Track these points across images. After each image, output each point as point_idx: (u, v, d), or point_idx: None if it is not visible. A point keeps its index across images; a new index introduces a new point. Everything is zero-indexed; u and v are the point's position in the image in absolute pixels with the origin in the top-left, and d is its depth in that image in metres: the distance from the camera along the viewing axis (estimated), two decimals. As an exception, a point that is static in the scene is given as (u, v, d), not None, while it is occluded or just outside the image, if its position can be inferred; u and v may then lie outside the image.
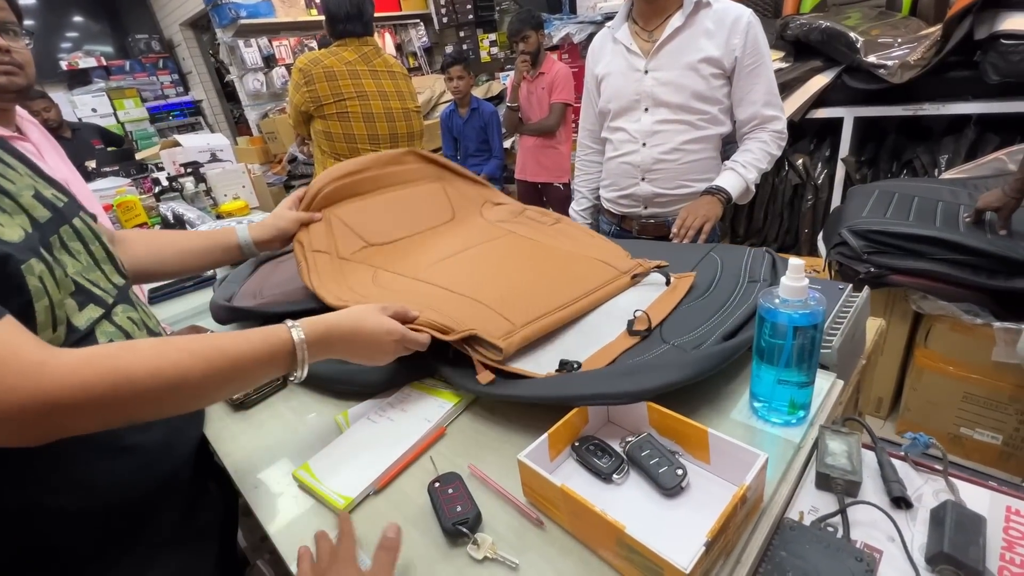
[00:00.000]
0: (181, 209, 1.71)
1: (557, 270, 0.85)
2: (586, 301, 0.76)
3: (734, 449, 0.49)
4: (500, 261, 0.89)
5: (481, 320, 0.70)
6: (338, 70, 1.68)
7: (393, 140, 1.81)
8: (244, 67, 3.90)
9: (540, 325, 0.70)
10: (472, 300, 0.76)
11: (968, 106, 2.07)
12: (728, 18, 1.11)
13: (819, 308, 0.53)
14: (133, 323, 0.61)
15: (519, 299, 0.75)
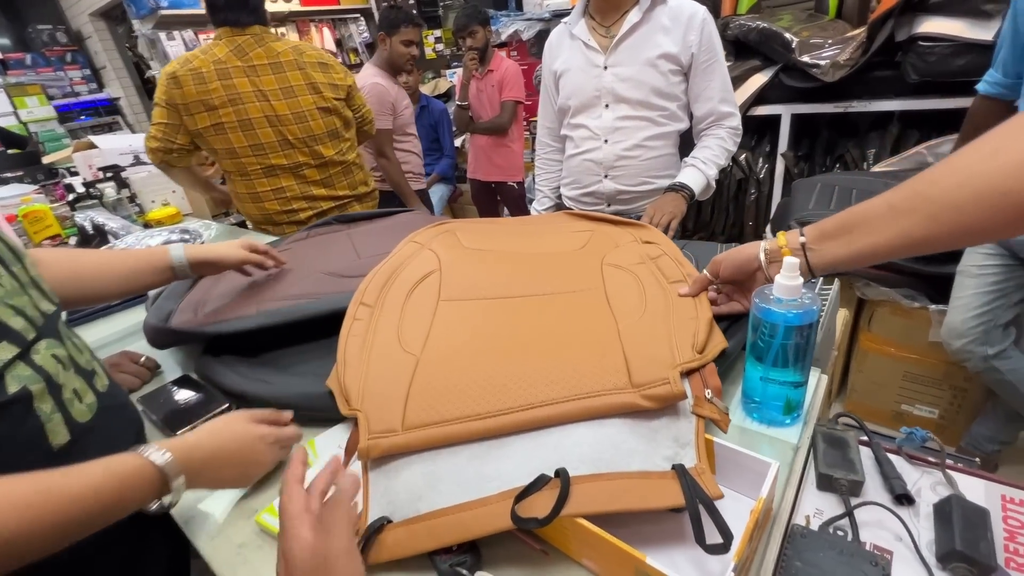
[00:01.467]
0: (101, 219, 1.54)
1: (559, 354, 0.59)
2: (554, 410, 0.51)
3: (741, 458, 0.47)
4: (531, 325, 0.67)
5: (390, 397, 0.56)
6: (207, 71, 1.35)
7: (287, 146, 1.46)
8: (166, 61, 3.60)
9: (448, 432, 0.51)
10: (446, 362, 0.61)
11: (891, 103, 2.21)
12: (683, 15, 1.11)
13: (814, 306, 0.52)
14: (58, 362, 0.52)
15: (488, 381, 0.56)
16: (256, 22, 1.42)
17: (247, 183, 1.50)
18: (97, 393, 0.59)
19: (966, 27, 1.90)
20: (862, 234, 0.50)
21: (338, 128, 1.56)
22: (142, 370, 0.85)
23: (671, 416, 0.50)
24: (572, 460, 0.47)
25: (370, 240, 1.09)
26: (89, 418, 0.56)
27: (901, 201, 0.47)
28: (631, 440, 0.48)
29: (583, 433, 0.49)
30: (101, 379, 0.62)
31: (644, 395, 0.50)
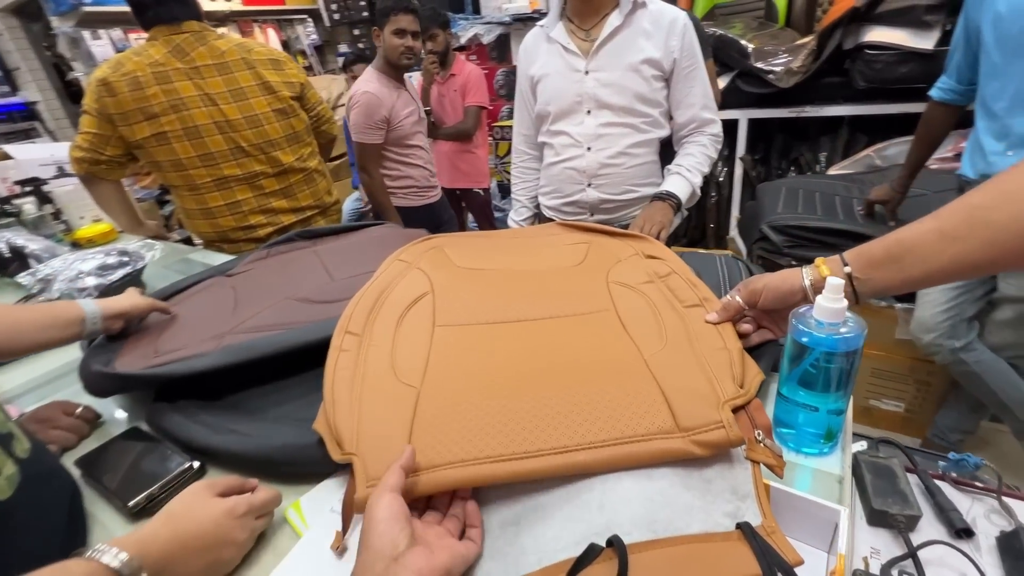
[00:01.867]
0: (20, 240, 1.35)
1: (584, 387, 0.52)
2: (594, 455, 0.45)
3: (801, 503, 0.43)
4: (543, 353, 0.60)
5: (391, 436, 0.49)
6: (143, 76, 1.20)
7: (240, 155, 1.32)
8: (92, 63, 3.30)
9: (462, 474, 0.44)
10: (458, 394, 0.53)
11: (841, 108, 2.31)
12: (665, 19, 1.09)
13: (859, 330, 0.48)
14: None
15: (509, 416, 0.49)
16: (190, 16, 1.28)
17: (197, 198, 1.36)
18: (17, 462, 0.49)
19: (908, 37, 2.00)
20: (914, 262, 0.49)
21: (298, 132, 1.42)
22: (79, 423, 0.72)
23: (724, 463, 0.45)
24: (623, 523, 0.41)
25: (343, 259, 0.99)
26: (8, 495, 0.46)
27: (954, 228, 0.47)
28: (685, 495, 0.42)
29: (630, 487, 0.43)
30: (21, 443, 0.52)
31: (696, 440, 0.45)
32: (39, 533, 0.49)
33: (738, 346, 0.59)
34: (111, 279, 1.12)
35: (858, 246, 0.55)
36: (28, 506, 0.48)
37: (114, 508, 0.58)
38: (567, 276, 0.79)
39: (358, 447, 0.49)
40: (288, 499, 0.56)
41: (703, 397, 0.50)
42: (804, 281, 0.56)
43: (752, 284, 0.61)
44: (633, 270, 0.78)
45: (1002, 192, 0.45)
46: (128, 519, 0.57)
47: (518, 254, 0.88)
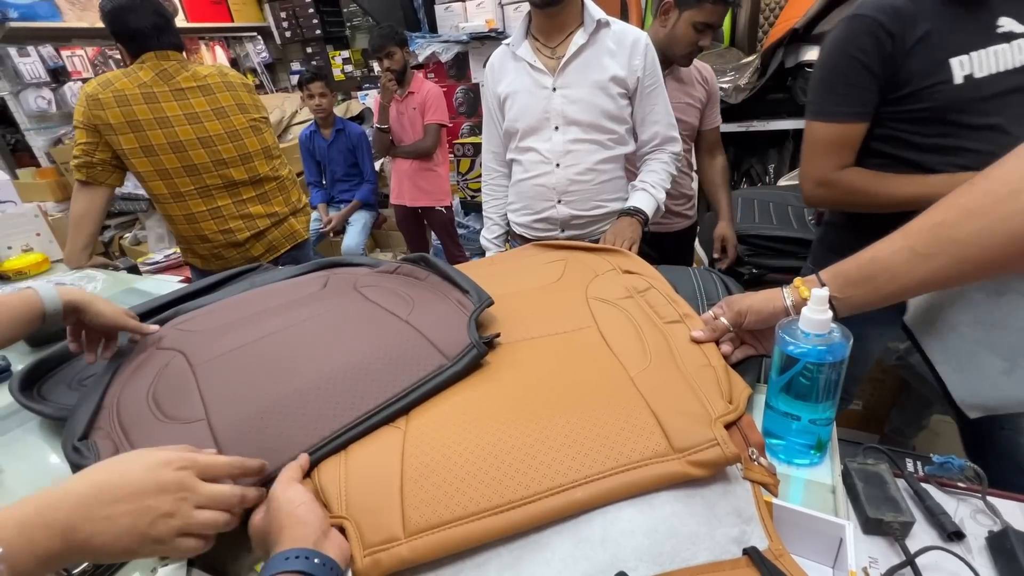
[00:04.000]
0: (-62, 275, 1.22)
1: (574, 413, 0.51)
2: (591, 490, 0.43)
3: (803, 519, 0.43)
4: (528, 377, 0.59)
5: (382, 493, 0.46)
6: (131, 93, 1.34)
7: (221, 166, 1.48)
8: (20, 82, 3.08)
9: (464, 533, 0.42)
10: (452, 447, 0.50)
11: (786, 123, 2.43)
12: (627, 39, 1.11)
13: (844, 341, 0.49)
14: None
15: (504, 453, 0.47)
16: (177, 47, 1.44)
17: (181, 204, 1.48)
18: None
19: (843, 56, 2.13)
20: (888, 280, 0.52)
21: (270, 146, 1.59)
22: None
23: (724, 484, 0.44)
24: (628, 557, 0.39)
25: None
26: None
27: (924, 246, 0.49)
28: (689, 522, 0.41)
29: (632, 517, 0.42)
30: None
31: (691, 461, 0.44)
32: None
33: (722, 362, 0.59)
34: (46, 315, 1.02)
35: (833, 265, 0.56)
36: None
37: (57, 579, 0.51)
38: (546, 294, 0.78)
39: (347, 509, 0.45)
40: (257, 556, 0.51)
41: (694, 415, 0.49)
42: (786, 302, 0.57)
43: (736, 305, 0.61)
44: (611, 285, 0.78)
45: (963, 209, 0.48)
46: (74, 590, 0.50)
47: (495, 279, 0.87)
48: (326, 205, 2.91)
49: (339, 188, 2.90)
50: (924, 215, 0.51)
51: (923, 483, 0.53)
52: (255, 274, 1.10)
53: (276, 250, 1.66)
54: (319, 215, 2.86)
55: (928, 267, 0.49)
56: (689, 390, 0.52)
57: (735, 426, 0.49)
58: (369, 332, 0.67)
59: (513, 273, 0.89)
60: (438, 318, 0.68)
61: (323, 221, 2.83)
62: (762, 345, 0.63)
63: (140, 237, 3.56)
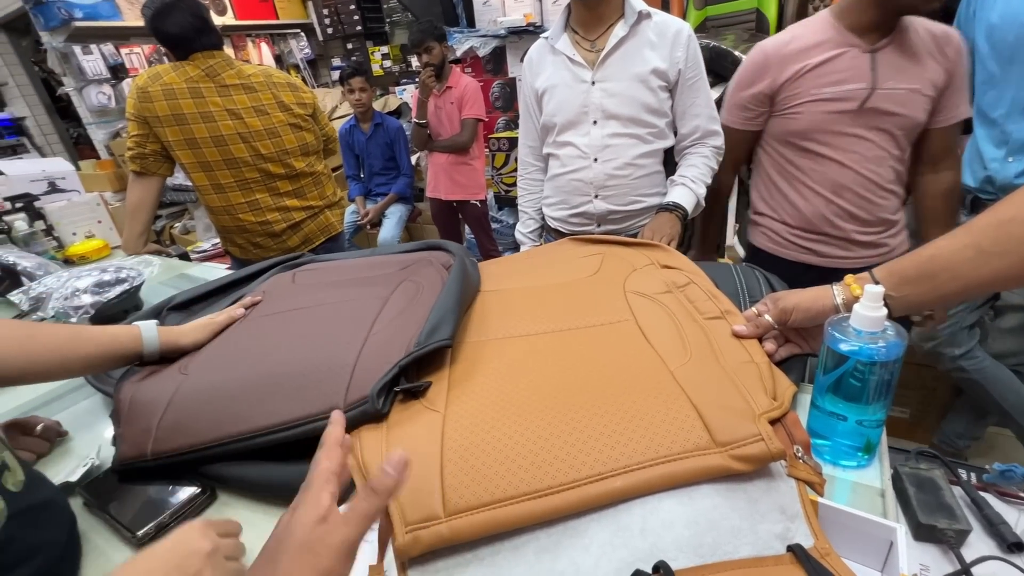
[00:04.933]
0: (12, 257, 1.31)
1: (614, 404, 0.51)
2: (630, 479, 0.43)
3: (851, 520, 0.41)
4: (565, 366, 0.59)
5: (423, 474, 0.47)
6: (178, 88, 1.41)
7: (260, 161, 1.53)
8: (84, 78, 3.27)
9: (502, 516, 0.42)
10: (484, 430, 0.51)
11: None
12: (669, 30, 1.09)
13: (899, 340, 0.47)
14: None
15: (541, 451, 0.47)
16: (219, 46, 1.50)
17: (222, 196, 1.54)
18: (8, 495, 0.46)
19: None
20: (950, 278, 0.49)
21: (308, 143, 1.63)
22: (38, 442, 0.69)
23: (767, 480, 0.43)
24: (667, 548, 0.39)
25: None
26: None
27: (992, 244, 0.47)
28: (731, 516, 0.40)
29: (671, 508, 0.41)
30: (14, 474, 0.49)
31: (734, 455, 0.43)
32: (31, 569, 0.45)
33: (765, 359, 0.57)
34: (108, 296, 1.09)
35: (888, 263, 0.54)
36: (16, 545, 0.45)
37: (121, 539, 0.55)
38: (583, 287, 0.78)
39: None
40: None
41: (737, 410, 0.48)
42: (836, 300, 0.55)
43: (782, 302, 0.59)
44: (650, 279, 0.77)
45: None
46: (137, 550, 0.54)
47: (531, 273, 0.87)
48: (363, 198, 2.97)
49: (376, 181, 2.95)
50: (990, 212, 0.48)
51: (981, 491, 0.50)
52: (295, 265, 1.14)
53: (311, 242, 1.72)
54: (357, 207, 2.93)
55: (995, 266, 0.46)
56: (731, 385, 0.52)
57: (779, 423, 0.48)
58: (323, 340, 0.68)
59: (549, 266, 0.89)
60: (399, 336, 0.64)
61: (360, 213, 2.89)
62: (808, 344, 0.61)
63: (189, 226, 3.73)
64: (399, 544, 0.42)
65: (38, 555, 0.47)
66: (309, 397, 0.57)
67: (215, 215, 1.61)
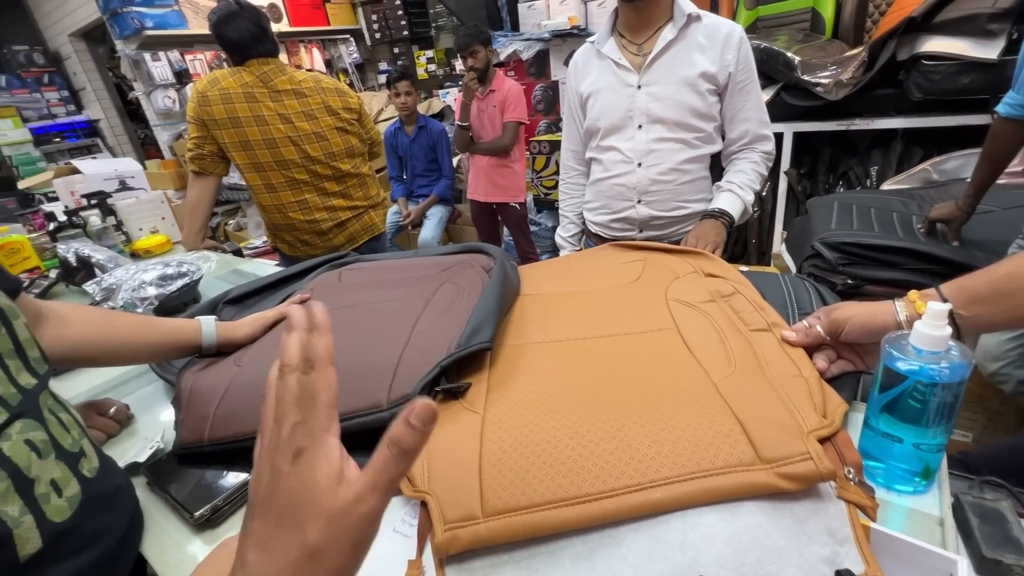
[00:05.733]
0: (87, 250, 1.42)
1: (655, 414, 0.50)
2: (670, 492, 0.42)
3: (909, 549, 0.39)
4: (605, 373, 0.59)
5: (461, 474, 0.48)
6: (234, 92, 1.50)
7: (308, 162, 1.60)
8: (152, 83, 3.49)
9: (539, 520, 0.42)
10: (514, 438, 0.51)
11: (894, 121, 2.22)
12: (720, 33, 1.07)
13: (964, 361, 0.45)
14: (33, 449, 0.44)
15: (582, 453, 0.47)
16: (275, 53, 1.57)
17: (273, 195, 1.63)
18: (83, 481, 0.49)
19: (970, 46, 1.91)
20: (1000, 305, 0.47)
21: (353, 145, 1.70)
22: (109, 423, 0.75)
23: (815, 501, 0.42)
24: (708, 564, 0.38)
25: None
26: (68, 516, 0.46)
27: None
28: (776, 535, 0.39)
29: (713, 524, 0.41)
30: (90, 461, 0.52)
31: (781, 473, 0.42)
32: (91, 555, 0.48)
33: (815, 374, 0.55)
34: (170, 289, 1.16)
35: (955, 280, 0.51)
36: (85, 529, 0.48)
37: (180, 518, 0.58)
38: (623, 294, 0.77)
39: (430, 484, 0.48)
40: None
41: (784, 426, 0.47)
42: (899, 316, 0.52)
43: (835, 314, 0.57)
44: (693, 288, 0.75)
45: None
46: (193, 529, 0.57)
47: (571, 278, 0.87)
48: (406, 199, 3.04)
49: (418, 183, 3.02)
50: None
51: (1054, 527, 0.47)
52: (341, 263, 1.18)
53: (355, 240, 1.78)
54: (399, 208, 3.00)
55: None
56: (778, 400, 0.50)
57: (829, 442, 0.46)
58: (368, 339, 0.70)
59: (590, 272, 0.89)
60: (441, 337, 0.66)
61: (402, 214, 2.96)
62: (863, 361, 0.58)
63: (241, 224, 3.92)
64: (438, 542, 0.43)
65: (101, 540, 0.50)
66: (354, 392, 0.59)
67: (267, 213, 1.69)
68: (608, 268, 0.88)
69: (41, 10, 4.44)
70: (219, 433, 0.62)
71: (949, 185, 1.92)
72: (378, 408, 0.57)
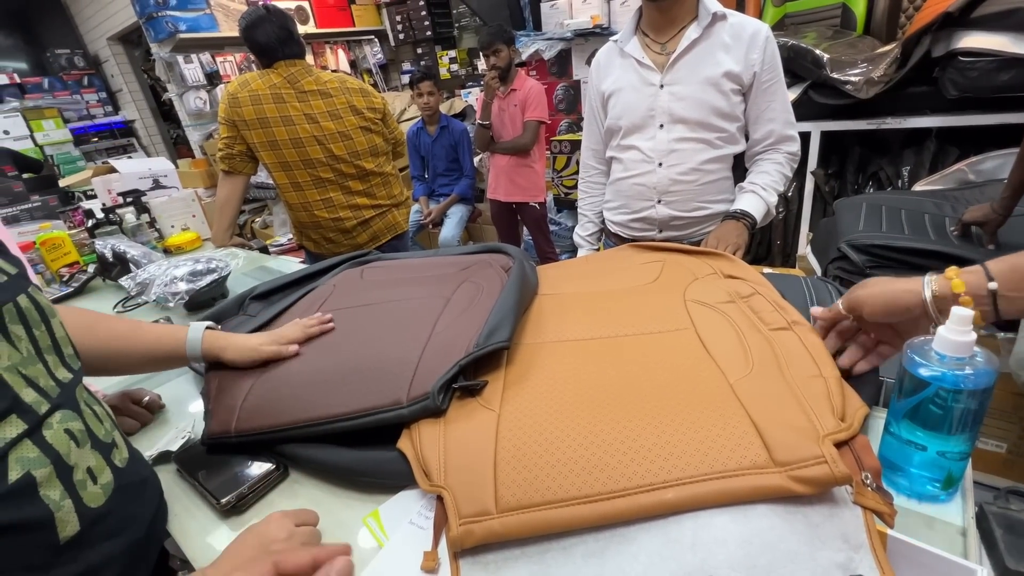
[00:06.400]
0: (123, 246, 1.48)
1: (669, 415, 0.50)
2: (683, 493, 0.43)
3: (928, 558, 0.39)
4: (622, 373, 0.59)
5: (477, 469, 0.49)
6: (263, 93, 1.55)
7: (334, 161, 1.64)
8: (184, 85, 3.61)
9: (552, 517, 0.43)
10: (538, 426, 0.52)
11: (928, 120, 2.15)
12: (746, 32, 1.05)
13: (990, 368, 0.44)
14: (72, 438, 0.46)
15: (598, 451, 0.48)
16: (302, 55, 1.60)
17: (300, 194, 1.67)
18: (115, 470, 0.52)
19: (1010, 42, 1.84)
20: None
21: (377, 144, 1.73)
22: (143, 412, 0.78)
23: (830, 506, 0.42)
24: (719, 565, 0.38)
25: None
26: (102, 502, 0.49)
27: None
28: (789, 539, 0.39)
29: (725, 526, 0.41)
30: (121, 452, 0.55)
31: (794, 476, 0.42)
32: (121, 541, 0.50)
33: (835, 374, 0.55)
34: (200, 285, 1.20)
35: (1004, 257, 0.47)
36: (116, 515, 0.50)
37: (207, 505, 0.61)
38: (642, 294, 0.77)
39: (446, 480, 0.49)
40: (366, 508, 0.57)
41: (799, 429, 0.46)
42: (925, 293, 0.48)
43: (857, 291, 0.53)
44: (712, 288, 0.75)
45: None
46: (219, 515, 0.60)
47: (590, 278, 0.87)
48: (427, 198, 3.07)
49: (440, 182, 3.04)
50: None
51: (1084, 541, 0.45)
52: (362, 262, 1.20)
53: (379, 239, 1.80)
54: (420, 207, 3.03)
55: None
56: (795, 402, 0.50)
57: (847, 446, 0.46)
58: (389, 337, 0.73)
59: (608, 272, 0.89)
60: (460, 336, 0.67)
61: (423, 213, 2.99)
62: (896, 345, 0.55)
63: (268, 221, 4.02)
64: (452, 536, 0.44)
65: (131, 527, 0.52)
66: (375, 390, 0.61)
67: (293, 211, 1.73)
68: (627, 269, 0.88)
69: (82, 14, 4.63)
70: (245, 426, 0.64)
71: (986, 186, 1.86)
72: (398, 405, 0.59)
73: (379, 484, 0.59)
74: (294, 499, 0.61)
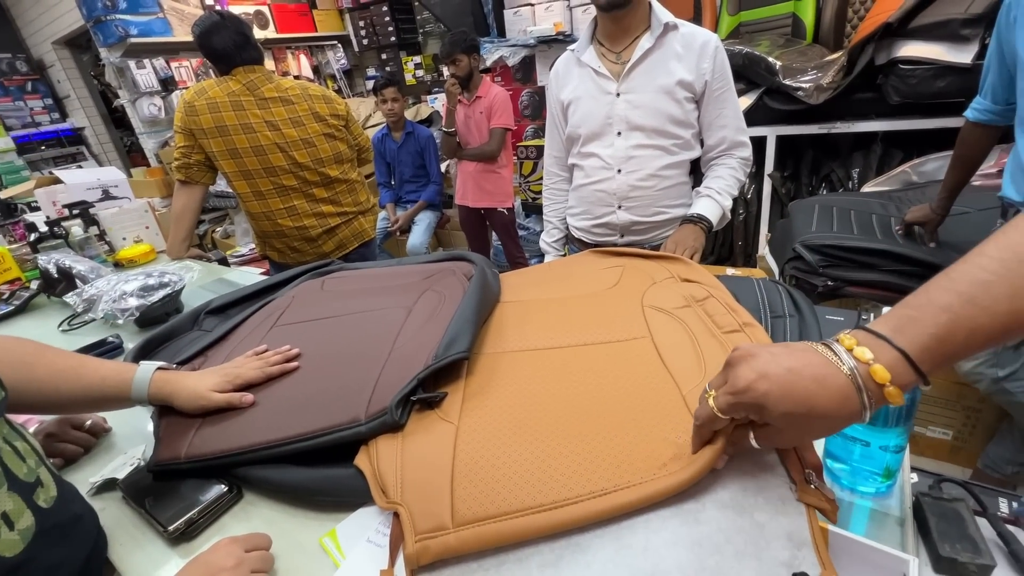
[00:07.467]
0: (68, 261, 1.41)
1: (623, 432, 0.51)
2: (637, 493, 0.44)
3: (864, 550, 0.40)
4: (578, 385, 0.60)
5: (434, 484, 0.49)
6: (221, 101, 1.51)
7: (297, 169, 1.60)
8: (137, 91, 3.47)
9: (506, 528, 0.43)
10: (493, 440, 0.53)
11: (874, 124, 2.26)
12: (696, 42, 1.09)
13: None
14: None
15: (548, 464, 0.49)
16: (260, 61, 1.57)
17: (262, 203, 1.63)
18: (38, 512, 0.48)
19: (945, 51, 1.95)
20: (976, 335, 0.35)
21: (341, 151, 1.70)
22: (86, 437, 0.74)
23: (775, 504, 0.43)
24: (670, 569, 0.39)
25: None
26: (20, 551, 0.45)
27: None
28: (736, 539, 0.40)
29: (675, 529, 0.42)
30: (47, 490, 0.51)
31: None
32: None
33: None
34: (151, 300, 1.15)
35: (896, 312, 0.40)
36: (38, 563, 0.47)
37: (155, 532, 0.58)
38: (601, 300, 0.78)
39: (403, 496, 0.48)
40: (323, 527, 0.56)
41: None
42: (853, 384, 0.36)
43: (741, 375, 0.39)
44: (668, 293, 0.76)
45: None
46: (169, 544, 0.57)
47: (551, 284, 0.88)
48: (394, 205, 3.04)
49: (407, 189, 3.02)
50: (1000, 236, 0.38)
51: (1010, 525, 0.48)
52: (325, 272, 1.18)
53: (345, 247, 1.77)
54: (387, 214, 3.00)
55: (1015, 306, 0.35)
56: None
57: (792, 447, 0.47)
58: (349, 352, 0.72)
59: (569, 278, 0.90)
60: (421, 349, 0.66)
61: (390, 220, 2.96)
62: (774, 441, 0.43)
63: (229, 231, 3.90)
64: (409, 553, 0.44)
65: (57, 574, 0.48)
66: (334, 409, 0.59)
67: (256, 221, 1.69)
68: (587, 274, 0.89)
69: (24, 17, 4.40)
70: (198, 451, 0.62)
71: (927, 187, 1.96)
72: (357, 422, 0.58)
73: (336, 503, 0.57)
74: (248, 522, 0.59)
